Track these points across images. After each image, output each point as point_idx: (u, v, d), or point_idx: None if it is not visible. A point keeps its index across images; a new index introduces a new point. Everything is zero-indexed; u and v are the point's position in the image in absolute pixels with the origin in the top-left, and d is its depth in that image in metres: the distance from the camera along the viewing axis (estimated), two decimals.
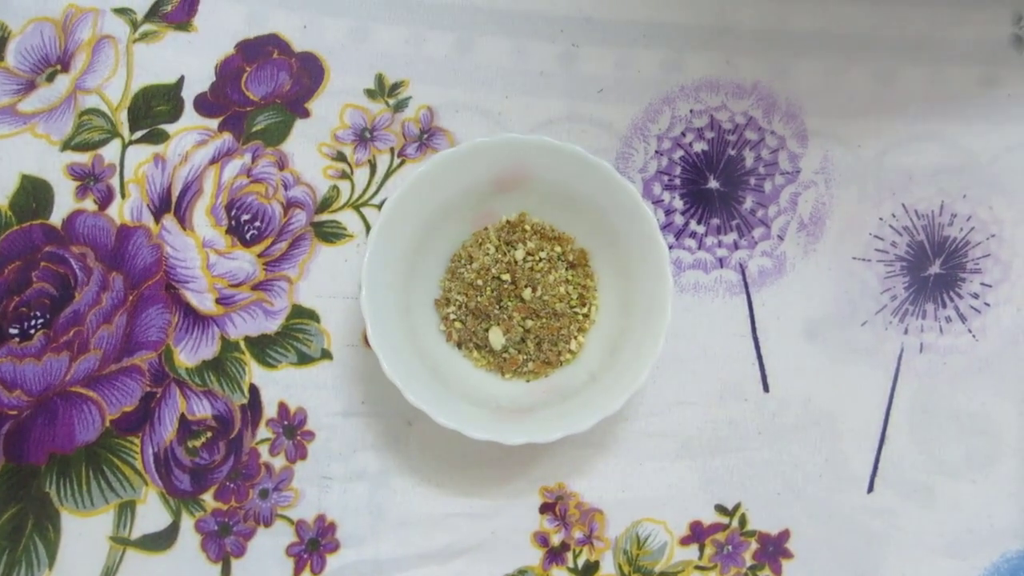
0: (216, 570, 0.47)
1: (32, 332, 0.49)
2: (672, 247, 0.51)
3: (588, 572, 0.48)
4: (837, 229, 0.52)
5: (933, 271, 0.51)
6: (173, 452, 0.48)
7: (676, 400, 0.49)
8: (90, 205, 0.50)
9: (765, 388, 0.50)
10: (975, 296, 0.51)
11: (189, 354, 0.49)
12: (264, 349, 0.49)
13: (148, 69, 0.52)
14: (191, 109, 0.52)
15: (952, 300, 0.51)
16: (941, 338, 0.50)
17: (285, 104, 0.52)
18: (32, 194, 0.51)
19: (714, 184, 0.52)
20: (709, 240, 0.51)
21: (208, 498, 0.48)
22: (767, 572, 0.48)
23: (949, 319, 0.51)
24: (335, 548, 0.48)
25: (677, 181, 0.52)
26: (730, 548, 0.48)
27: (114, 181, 0.51)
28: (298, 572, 0.47)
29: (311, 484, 0.48)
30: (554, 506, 0.48)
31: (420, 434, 0.48)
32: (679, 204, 0.52)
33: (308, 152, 0.51)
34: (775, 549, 0.48)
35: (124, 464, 0.48)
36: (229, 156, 0.51)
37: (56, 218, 0.50)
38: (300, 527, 0.48)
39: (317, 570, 0.47)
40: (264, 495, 0.48)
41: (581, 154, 0.44)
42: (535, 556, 0.48)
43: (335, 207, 0.51)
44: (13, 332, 0.49)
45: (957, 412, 0.50)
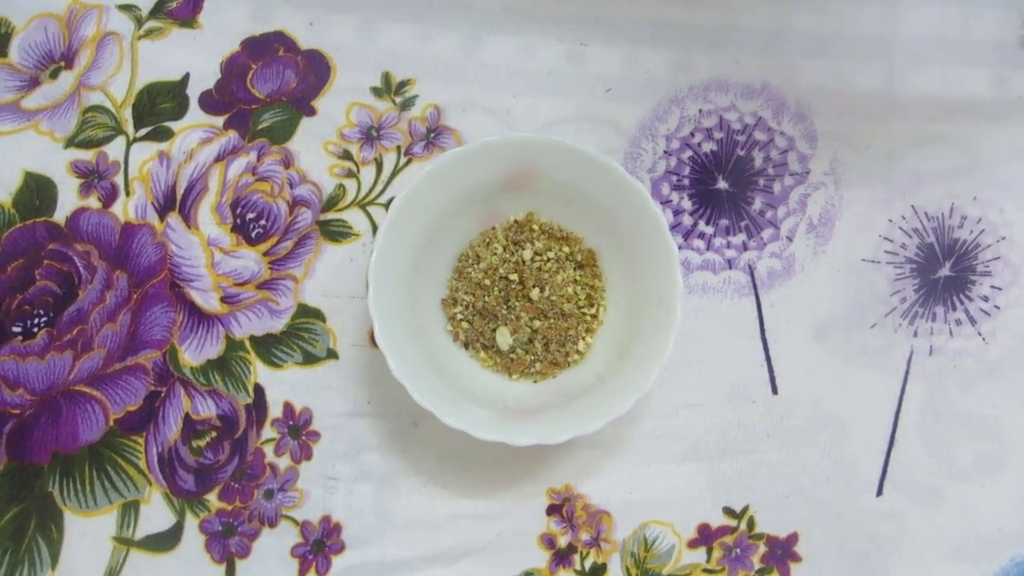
0: (220, 571, 0.47)
1: (35, 330, 0.48)
2: (680, 248, 0.50)
3: (595, 574, 0.47)
4: (846, 231, 0.51)
5: (943, 273, 0.51)
6: (177, 452, 0.48)
7: (684, 402, 0.49)
8: (94, 203, 0.50)
9: (774, 390, 0.49)
10: (985, 299, 0.51)
11: (194, 353, 0.49)
12: (269, 348, 0.49)
13: (153, 66, 0.52)
14: (196, 106, 0.51)
15: (962, 303, 0.51)
16: (951, 341, 0.50)
17: (291, 102, 0.51)
18: (35, 191, 0.50)
19: (723, 185, 0.52)
20: (718, 241, 0.51)
21: (212, 498, 0.47)
22: (775, 575, 0.48)
23: (959, 322, 0.50)
24: (340, 549, 0.47)
25: (686, 181, 0.51)
26: (738, 551, 0.48)
27: (118, 178, 0.50)
28: (303, 573, 0.47)
29: (316, 485, 0.48)
30: (561, 508, 0.48)
31: (426, 435, 0.48)
32: (688, 204, 0.51)
33: (314, 150, 0.51)
34: (783, 552, 0.48)
35: (128, 464, 0.48)
36: (234, 154, 0.51)
37: (60, 215, 0.50)
38: (305, 528, 0.47)
39: (322, 571, 0.47)
40: (269, 496, 0.48)
41: (591, 154, 0.44)
42: (542, 558, 0.48)
43: (341, 206, 0.50)
44: (16, 330, 0.48)
45: (967, 415, 0.49)
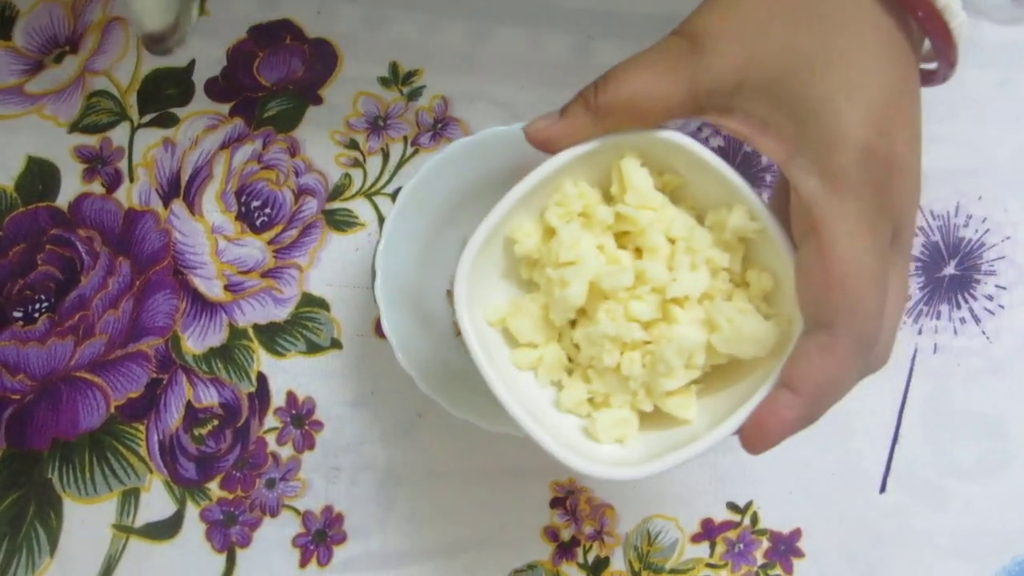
0: (221, 560, 0.47)
1: (36, 316, 0.48)
2: None
3: (598, 568, 0.47)
4: None
5: (948, 272, 0.51)
6: (179, 440, 0.47)
7: None
8: (97, 188, 0.50)
9: None
10: (989, 298, 0.51)
11: (196, 341, 0.48)
12: (273, 337, 0.48)
13: None
14: (202, 93, 0.51)
15: (967, 301, 0.51)
16: (955, 339, 0.50)
17: (297, 90, 0.51)
18: (38, 176, 0.50)
19: None
20: None
21: (214, 487, 0.47)
22: (778, 571, 0.48)
23: (963, 320, 0.50)
24: (342, 540, 0.47)
25: None
26: (741, 546, 0.48)
27: (122, 164, 0.50)
28: (304, 563, 0.47)
29: (319, 475, 0.47)
30: (565, 501, 0.48)
31: (430, 426, 0.48)
32: None
33: (320, 139, 0.51)
34: (786, 548, 0.48)
35: (128, 451, 0.47)
36: (240, 142, 0.50)
37: (62, 201, 0.49)
38: (307, 518, 0.47)
39: (323, 562, 0.47)
40: (271, 485, 0.47)
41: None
42: (545, 551, 0.47)
43: (347, 195, 0.50)
44: (17, 315, 0.48)
45: (970, 414, 0.49)
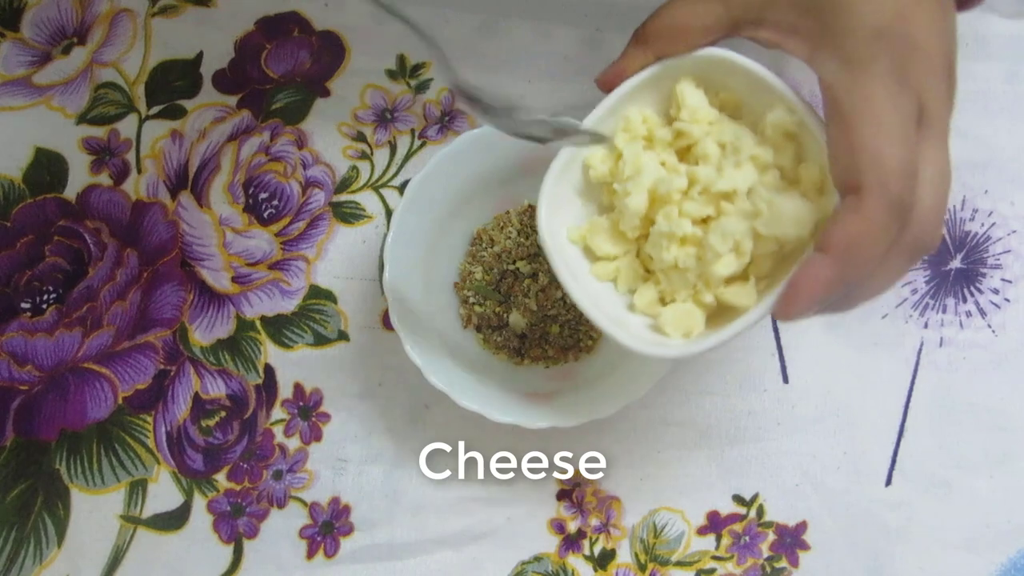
0: (228, 551, 0.47)
1: (44, 307, 0.48)
2: None
3: (604, 560, 0.47)
4: None
5: (954, 265, 0.51)
6: (186, 431, 0.47)
7: (695, 390, 0.49)
8: (105, 180, 0.50)
9: (785, 379, 0.49)
10: (995, 291, 0.51)
11: (204, 332, 0.48)
12: (280, 329, 0.49)
13: (166, 44, 0.51)
14: (210, 85, 0.51)
15: (972, 295, 0.51)
16: (961, 333, 0.50)
17: (305, 83, 0.51)
18: (47, 167, 0.50)
19: None
20: None
21: (221, 478, 0.47)
22: (784, 563, 0.48)
23: (969, 314, 0.50)
24: (349, 531, 0.47)
25: None
26: (747, 539, 0.48)
27: (130, 156, 0.50)
28: (311, 555, 0.47)
29: (326, 466, 0.47)
30: (571, 493, 0.48)
31: (438, 418, 0.48)
32: None
33: (328, 131, 0.51)
34: (792, 540, 0.48)
35: (136, 442, 0.47)
36: (247, 134, 0.50)
37: (71, 192, 0.50)
38: (314, 509, 0.47)
39: (331, 553, 0.47)
40: (278, 476, 0.47)
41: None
42: (551, 543, 0.48)
43: (354, 187, 0.50)
44: (25, 306, 0.48)
45: (976, 407, 0.49)
